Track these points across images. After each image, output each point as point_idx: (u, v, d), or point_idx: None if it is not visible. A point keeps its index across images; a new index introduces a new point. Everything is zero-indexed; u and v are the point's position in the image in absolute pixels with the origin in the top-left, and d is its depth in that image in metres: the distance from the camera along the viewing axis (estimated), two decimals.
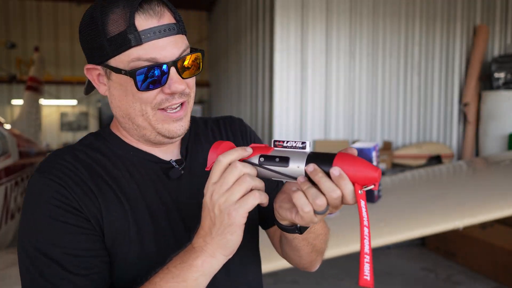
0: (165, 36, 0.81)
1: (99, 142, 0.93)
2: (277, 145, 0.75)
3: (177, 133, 0.89)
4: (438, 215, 2.33)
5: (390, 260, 4.80)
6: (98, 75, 0.88)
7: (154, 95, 0.84)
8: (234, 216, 0.70)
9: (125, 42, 0.80)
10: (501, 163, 3.90)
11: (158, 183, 0.91)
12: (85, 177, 0.84)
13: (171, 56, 0.82)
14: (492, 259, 4.26)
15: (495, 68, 5.89)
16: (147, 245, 0.86)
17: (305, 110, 5.56)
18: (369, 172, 0.66)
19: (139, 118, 0.87)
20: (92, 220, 0.82)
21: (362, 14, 5.69)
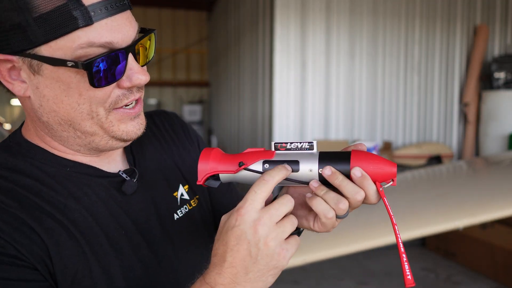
0: (118, 12, 0.62)
1: (15, 160, 0.68)
2: (280, 147, 0.66)
3: (136, 133, 0.71)
4: (438, 215, 2.33)
5: (390, 260, 4.80)
6: (10, 69, 0.64)
7: (109, 91, 0.65)
8: (283, 257, 0.58)
9: (67, 22, 0.58)
10: (501, 163, 3.90)
11: (111, 203, 0.72)
12: (14, 209, 0.62)
13: (128, 38, 0.63)
14: (492, 259, 4.26)
15: (495, 68, 5.89)
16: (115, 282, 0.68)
17: (305, 110, 5.56)
18: (387, 168, 0.62)
19: (86, 122, 0.66)
20: (38, 266, 0.61)
21: (362, 14, 5.68)
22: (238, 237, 0.57)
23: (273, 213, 0.58)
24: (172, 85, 11.08)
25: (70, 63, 0.60)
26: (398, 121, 5.97)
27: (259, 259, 0.57)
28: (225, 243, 0.58)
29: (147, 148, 0.83)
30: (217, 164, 0.66)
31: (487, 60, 6.20)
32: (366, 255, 4.75)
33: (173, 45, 10.92)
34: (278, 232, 0.58)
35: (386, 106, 5.90)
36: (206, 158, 0.66)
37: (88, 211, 0.69)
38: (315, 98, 5.59)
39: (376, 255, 4.84)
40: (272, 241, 0.57)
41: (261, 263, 0.58)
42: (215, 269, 0.59)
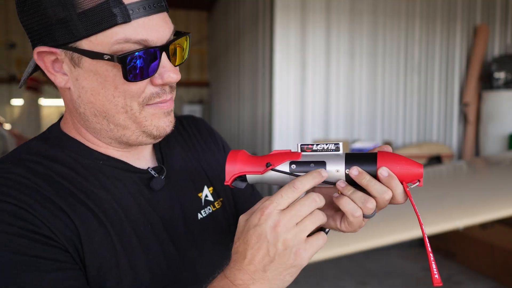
0: (155, 12, 0.65)
1: (53, 150, 0.72)
2: (306, 149, 0.66)
3: (166, 130, 0.73)
4: (438, 215, 2.33)
5: (390, 260, 4.80)
6: (55, 61, 0.68)
7: (143, 87, 0.68)
8: (302, 257, 0.60)
9: (107, 18, 0.62)
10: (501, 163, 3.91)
11: (140, 197, 0.75)
12: (50, 193, 0.65)
13: (163, 38, 0.67)
14: (492, 259, 4.26)
15: (495, 68, 5.89)
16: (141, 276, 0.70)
17: (305, 110, 5.56)
18: (414, 168, 0.63)
19: (120, 115, 0.69)
20: (69, 249, 0.64)
21: (362, 14, 5.68)
22: (259, 236, 0.59)
23: (294, 214, 0.59)
24: None
25: (107, 57, 0.63)
26: (398, 121, 5.97)
27: (276, 259, 0.59)
28: (246, 241, 0.60)
29: (174, 148, 0.87)
30: (244, 165, 0.67)
31: (487, 60, 6.20)
32: (366, 255, 4.75)
33: None
34: (297, 232, 0.59)
35: (386, 106, 5.90)
36: (233, 159, 0.67)
37: (118, 204, 0.71)
38: (315, 98, 5.59)
39: (376, 255, 4.84)
40: (291, 241, 0.59)
41: (279, 262, 0.59)
42: (235, 265, 0.61)
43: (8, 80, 10.25)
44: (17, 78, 10.10)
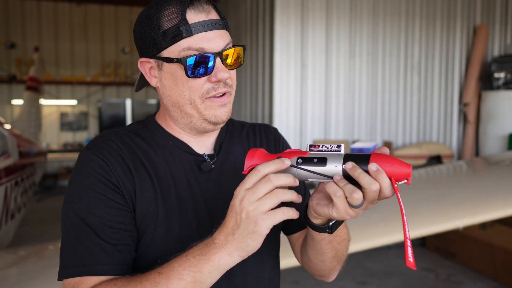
0: (212, 29, 0.91)
1: (143, 130, 1.02)
2: (313, 149, 0.80)
3: (222, 118, 0.95)
4: (438, 215, 2.33)
5: (390, 260, 4.80)
6: (150, 68, 0.96)
7: (202, 83, 0.91)
8: (260, 225, 0.74)
9: (177, 34, 0.88)
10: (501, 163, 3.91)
11: (190, 173, 0.98)
12: (126, 157, 0.93)
13: (217, 47, 0.91)
14: (492, 259, 4.26)
15: (495, 68, 5.89)
16: (173, 228, 0.93)
17: (305, 110, 5.56)
18: (402, 168, 0.72)
19: (187, 106, 0.94)
20: (126, 196, 0.90)
21: (362, 14, 5.69)
22: (231, 207, 0.78)
23: (254, 191, 0.75)
24: None
25: (175, 60, 0.90)
26: (398, 121, 5.97)
27: (240, 225, 0.76)
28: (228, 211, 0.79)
29: (236, 145, 1.09)
30: (260, 159, 0.82)
31: (487, 60, 6.20)
32: (366, 255, 4.75)
33: None
34: (258, 205, 0.74)
35: (386, 106, 5.90)
36: (252, 154, 0.83)
37: (171, 173, 0.97)
38: (315, 98, 5.59)
39: (376, 255, 4.84)
40: (252, 211, 0.74)
41: (242, 227, 0.76)
42: (219, 228, 0.81)
43: (8, 80, 10.25)
44: (17, 78, 10.10)
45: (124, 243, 0.89)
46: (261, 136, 1.14)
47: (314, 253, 0.98)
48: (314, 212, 0.84)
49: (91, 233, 0.87)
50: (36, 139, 6.29)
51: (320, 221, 0.86)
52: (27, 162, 4.41)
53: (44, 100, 7.68)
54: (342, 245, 0.98)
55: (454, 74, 6.19)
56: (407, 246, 0.71)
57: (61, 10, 10.75)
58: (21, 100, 7.56)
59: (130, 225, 0.91)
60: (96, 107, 11.24)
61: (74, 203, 0.89)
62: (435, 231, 2.27)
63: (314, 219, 0.86)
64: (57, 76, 10.67)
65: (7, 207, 3.48)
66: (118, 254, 0.88)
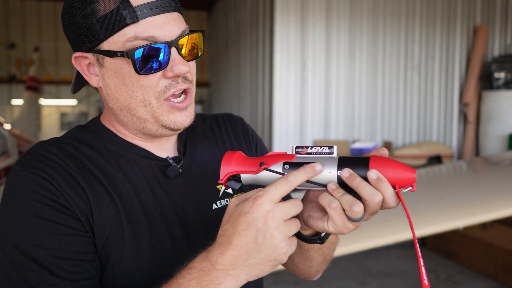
0: (163, 12, 0.74)
1: (88, 136, 0.84)
2: (300, 151, 0.68)
3: (183, 124, 0.80)
4: (438, 215, 2.33)
5: (390, 260, 4.80)
6: (88, 64, 0.79)
7: (156, 80, 0.76)
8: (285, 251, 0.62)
9: (118, 20, 0.71)
10: (501, 163, 3.91)
11: (154, 182, 0.82)
12: (73, 171, 0.75)
13: (171, 35, 0.74)
14: (492, 259, 4.26)
15: (495, 68, 5.89)
16: (143, 250, 0.77)
17: (305, 110, 5.56)
18: (406, 173, 0.62)
19: (140, 109, 0.78)
20: (82, 219, 0.73)
21: (362, 14, 5.68)
22: (249, 223, 0.61)
23: (285, 210, 0.61)
24: None
25: (120, 53, 0.73)
26: (398, 121, 5.97)
27: (263, 248, 0.61)
28: (235, 226, 0.62)
29: (201, 143, 0.94)
30: (238, 165, 0.69)
31: (487, 60, 6.20)
32: (366, 255, 4.75)
33: None
34: (286, 228, 0.61)
35: (386, 106, 5.90)
36: (229, 160, 0.69)
37: (132, 185, 0.80)
38: (315, 98, 5.58)
39: (376, 255, 4.84)
40: (279, 234, 0.61)
41: (264, 252, 0.61)
42: (219, 249, 0.63)
43: (8, 80, 10.25)
44: (17, 78, 10.10)
45: (86, 276, 0.71)
46: (227, 128, 1.00)
47: (302, 260, 0.88)
48: (305, 224, 0.71)
49: (42, 271, 0.68)
50: (36, 139, 6.29)
51: (310, 232, 0.75)
52: None
53: (44, 100, 7.68)
54: (330, 250, 0.88)
55: (454, 74, 6.19)
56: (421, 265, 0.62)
57: (61, 10, 10.76)
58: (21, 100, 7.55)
59: (91, 254, 0.73)
60: (96, 107, 11.24)
61: (13, 236, 0.70)
62: (435, 231, 2.27)
63: (303, 231, 0.74)
64: (57, 76, 10.67)
65: None
66: None
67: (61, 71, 10.87)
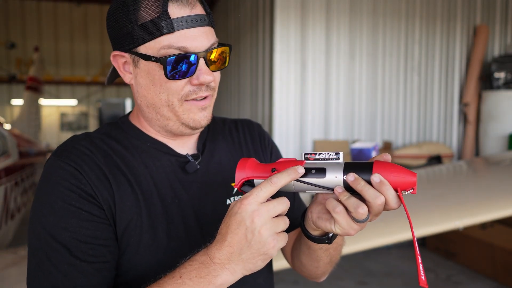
0: (197, 26, 0.81)
1: (116, 131, 0.92)
2: (309, 157, 0.74)
3: (201, 123, 0.88)
4: (438, 215, 2.33)
5: (390, 260, 4.80)
6: (124, 63, 0.87)
7: (182, 85, 0.83)
8: (273, 246, 0.68)
9: (157, 29, 0.79)
10: (501, 163, 3.91)
11: (173, 176, 0.90)
12: (101, 163, 0.83)
13: (201, 47, 0.82)
14: (492, 259, 4.26)
15: (495, 68, 5.89)
16: (159, 238, 0.84)
17: (305, 110, 5.56)
18: (407, 177, 0.68)
19: (164, 108, 0.86)
20: (104, 207, 0.81)
21: (362, 14, 5.68)
22: (239, 222, 0.68)
23: (270, 209, 0.68)
24: None
25: (154, 58, 0.80)
26: (398, 121, 5.97)
27: (252, 244, 0.68)
28: (228, 225, 0.70)
29: (219, 144, 1.01)
30: (252, 171, 0.75)
31: (487, 60, 6.20)
32: (366, 255, 4.75)
33: None
34: (272, 225, 0.68)
35: (386, 106, 5.90)
36: (243, 166, 0.76)
37: (152, 178, 0.87)
38: (315, 98, 5.58)
39: (376, 255, 4.84)
40: (266, 231, 0.67)
41: (254, 247, 0.68)
42: (216, 245, 0.71)
43: (8, 80, 10.25)
44: (17, 78, 10.10)
45: (102, 260, 0.78)
46: (245, 132, 1.07)
47: (309, 260, 0.93)
48: (314, 225, 0.78)
49: (64, 251, 0.76)
50: (36, 139, 6.29)
51: (319, 233, 0.81)
52: (27, 162, 4.41)
53: (44, 100, 7.68)
54: (337, 251, 0.93)
55: (454, 74, 6.19)
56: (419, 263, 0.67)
57: (61, 10, 10.75)
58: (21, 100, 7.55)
59: (109, 240, 0.80)
60: (96, 107, 11.24)
61: (42, 217, 0.78)
62: (435, 231, 2.27)
63: (312, 231, 0.81)
64: (57, 76, 10.67)
65: (7, 207, 3.48)
66: (96, 274, 0.77)
67: (61, 71, 10.87)
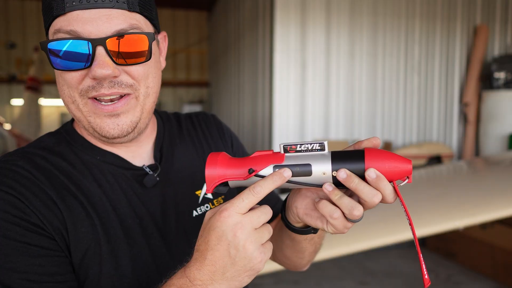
0: (95, 7, 0.65)
1: (59, 145, 0.77)
2: (289, 150, 0.63)
3: (110, 132, 0.72)
4: (438, 215, 2.32)
5: (390, 260, 4.80)
6: None
7: (79, 78, 0.68)
8: (260, 260, 0.60)
9: (50, 11, 0.67)
10: (501, 163, 3.90)
11: (130, 193, 0.77)
12: (45, 185, 0.70)
13: (98, 32, 0.66)
14: (492, 259, 4.26)
15: (495, 68, 5.89)
16: (123, 265, 0.73)
17: (305, 110, 5.56)
18: (402, 165, 0.59)
19: (71, 106, 0.72)
20: (56, 237, 0.68)
21: (362, 14, 5.68)
22: (219, 237, 0.59)
23: (254, 219, 0.59)
24: (172, 85, 11.08)
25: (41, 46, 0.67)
26: (398, 121, 5.97)
27: (237, 260, 0.59)
28: (207, 241, 0.60)
29: (177, 147, 0.88)
30: (225, 169, 0.63)
31: (487, 60, 6.20)
32: (366, 255, 4.75)
33: (173, 45, 10.93)
34: (257, 237, 0.59)
35: (386, 106, 5.90)
36: (214, 162, 0.63)
37: (108, 197, 0.75)
38: (315, 98, 5.58)
39: (376, 255, 4.84)
40: (251, 244, 0.59)
41: (239, 264, 0.59)
42: (195, 264, 0.61)
43: (8, 80, 10.25)
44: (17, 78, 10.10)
45: None
46: (202, 128, 0.95)
47: (293, 252, 0.85)
48: (301, 220, 0.70)
49: None
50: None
51: (303, 224, 0.73)
52: None
53: (44, 100, 7.68)
54: (321, 237, 0.84)
55: (454, 74, 6.19)
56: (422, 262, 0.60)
57: None
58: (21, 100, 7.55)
59: (67, 274, 0.68)
60: None
61: None
62: (435, 231, 2.27)
63: (296, 223, 0.73)
64: None
65: None
66: None
67: None
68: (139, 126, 0.75)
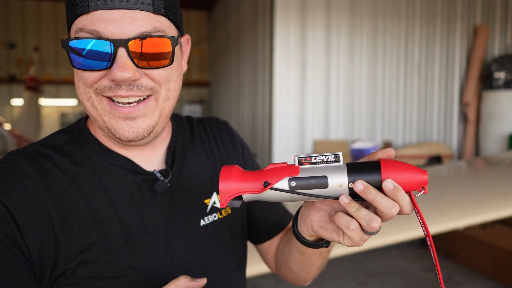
0: (120, 8, 0.63)
1: (70, 144, 0.75)
2: (304, 162, 0.62)
3: (125, 135, 0.69)
4: (438, 215, 2.32)
5: (390, 260, 4.80)
6: None
7: (96, 78, 0.67)
8: None
9: (73, 9, 0.65)
10: (501, 163, 3.90)
11: (138, 199, 0.75)
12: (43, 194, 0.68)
13: (121, 33, 0.64)
14: (492, 259, 4.26)
15: (495, 68, 5.89)
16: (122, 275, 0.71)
17: (305, 110, 5.56)
18: (419, 176, 0.59)
19: (86, 103, 0.69)
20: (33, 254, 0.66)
21: (362, 14, 5.68)
22: None
23: None
24: None
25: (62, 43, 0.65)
26: (398, 121, 5.97)
27: None
28: None
29: (189, 152, 0.85)
30: (239, 183, 0.62)
31: (487, 60, 6.20)
32: (366, 255, 4.75)
33: None
34: None
35: (386, 106, 5.90)
36: (227, 176, 0.62)
37: (112, 203, 0.72)
38: (315, 98, 5.58)
39: (376, 255, 4.84)
40: None
41: None
42: None
43: (8, 80, 10.25)
44: (17, 78, 10.10)
45: None
46: (214, 134, 0.93)
47: (301, 266, 0.83)
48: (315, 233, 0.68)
49: None
50: (36, 139, 6.29)
51: (316, 238, 0.72)
52: None
53: (44, 100, 7.68)
54: (328, 253, 0.83)
55: (454, 74, 6.19)
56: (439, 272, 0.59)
57: (61, 10, 10.75)
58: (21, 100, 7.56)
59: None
60: None
61: None
62: (435, 231, 2.27)
63: (309, 237, 0.71)
64: (57, 76, 10.67)
65: None
66: None
67: (61, 71, 10.87)
68: (156, 130, 0.73)
